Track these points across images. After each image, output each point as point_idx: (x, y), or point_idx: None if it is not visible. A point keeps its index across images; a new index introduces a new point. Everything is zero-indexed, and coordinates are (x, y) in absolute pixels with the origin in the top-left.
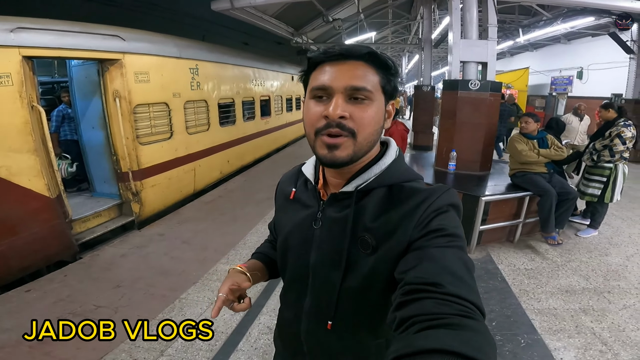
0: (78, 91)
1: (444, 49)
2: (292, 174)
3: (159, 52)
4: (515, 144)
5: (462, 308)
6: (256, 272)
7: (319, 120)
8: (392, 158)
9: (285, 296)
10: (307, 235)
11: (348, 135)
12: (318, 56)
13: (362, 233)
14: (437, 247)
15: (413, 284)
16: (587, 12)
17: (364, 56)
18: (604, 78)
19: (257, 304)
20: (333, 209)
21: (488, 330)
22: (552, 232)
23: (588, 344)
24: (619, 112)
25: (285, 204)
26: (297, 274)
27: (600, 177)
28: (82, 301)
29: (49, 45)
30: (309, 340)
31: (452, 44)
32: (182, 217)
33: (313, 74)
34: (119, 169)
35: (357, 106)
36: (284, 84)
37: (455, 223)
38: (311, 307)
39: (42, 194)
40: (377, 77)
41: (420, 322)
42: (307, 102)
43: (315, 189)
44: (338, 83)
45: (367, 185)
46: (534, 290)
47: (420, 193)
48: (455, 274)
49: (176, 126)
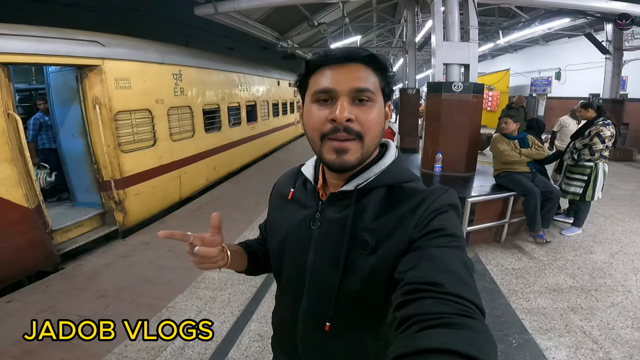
0: (56, 98)
1: (428, 52)
2: (291, 174)
3: (140, 57)
4: (497, 145)
5: (463, 307)
6: (236, 252)
7: (325, 124)
8: (392, 158)
9: (281, 297)
10: (305, 236)
11: (355, 138)
12: (318, 59)
13: (362, 233)
14: (437, 247)
15: (413, 283)
16: (563, 13)
17: (365, 58)
18: (582, 78)
19: (247, 311)
20: (332, 209)
21: (488, 330)
22: (539, 231)
23: (579, 342)
24: (598, 112)
25: (282, 205)
26: (294, 275)
27: (582, 176)
28: (65, 312)
29: (24, 52)
30: (305, 342)
31: (435, 46)
32: (167, 225)
33: (313, 77)
34: (101, 177)
35: (362, 108)
36: (270, 89)
37: (455, 223)
38: (308, 308)
39: (20, 205)
40: (377, 78)
41: (421, 321)
42: (309, 106)
43: (315, 188)
44: (342, 85)
45: (367, 184)
46: (522, 289)
47: (419, 193)
48: (455, 273)
49: (159, 133)
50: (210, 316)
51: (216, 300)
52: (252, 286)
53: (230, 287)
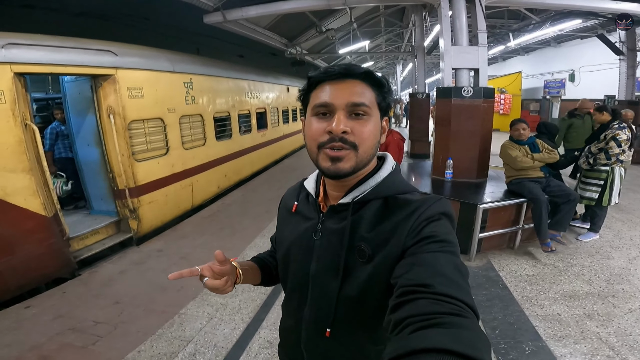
0: (72, 108)
1: (437, 55)
2: (295, 188)
3: (152, 66)
4: (508, 151)
5: (454, 307)
6: (248, 269)
7: (322, 135)
8: (388, 171)
9: (286, 305)
10: (308, 246)
11: (350, 148)
12: (318, 76)
13: (359, 243)
14: (430, 252)
15: (405, 286)
16: (574, 15)
17: (361, 75)
18: (596, 80)
19: (257, 318)
20: (332, 221)
21: (480, 328)
22: (545, 239)
23: (595, 349)
24: (613, 115)
25: (287, 217)
26: (298, 284)
27: (597, 181)
28: (81, 317)
29: (40, 61)
30: (308, 348)
31: (444, 51)
32: (180, 232)
33: (314, 92)
34: (116, 186)
35: (357, 121)
36: (279, 95)
37: (447, 230)
38: (310, 315)
39: (38, 213)
40: (373, 94)
41: (414, 322)
42: (309, 118)
43: (316, 201)
44: (340, 100)
45: (363, 197)
46: (536, 296)
47: (412, 203)
48: (446, 275)
49: (172, 141)
50: (221, 323)
51: (227, 307)
52: (263, 293)
53: (241, 294)
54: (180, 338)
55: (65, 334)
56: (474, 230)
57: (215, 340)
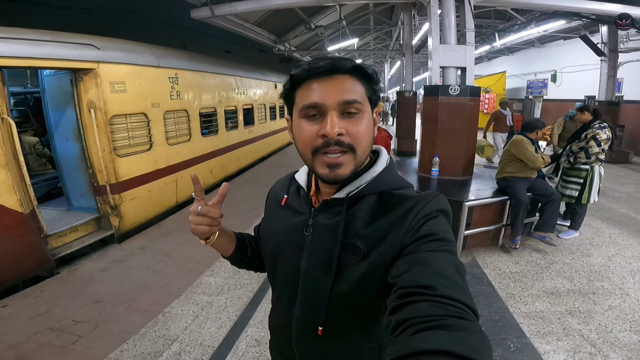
0: (50, 102)
1: (425, 54)
2: (285, 180)
3: (136, 61)
4: (529, 148)
5: (456, 310)
6: (226, 232)
7: (316, 139)
8: (383, 166)
9: (276, 302)
10: (299, 242)
11: (347, 151)
12: (303, 73)
13: (353, 239)
14: (428, 252)
15: (406, 287)
16: (558, 16)
17: (349, 70)
18: (577, 80)
19: (243, 316)
20: (324, 216)
21: (482, 331)
22: (516, 237)
23: (577, 346)
24: (594, 115)
25: (276, 210)
26: (288, 280)
27: (577, 179)
28: (60, 316)
29: (18, 55)
30: (299, 346)
31: (432, 49)
32: (164, 229)
33: (299, 91)
34: (96, 182)
35: (351, 121)
36: (267, 92)
37: (445, 228)
38: (301, 313)
39: (14, 210)
40: (363, 88)
41: (415, 324)
42: (298, 121)
43: (308, 195)
44: (330, 100)
45: (358, 192)
46: (520, 293)
47: (410, 200)
48: (447, 276)
49: (156, 137)
50: (206, 321)
51: (213, 306)
52: (249, 291)
53: (227, 292)
54: (164, 337)
55: (44, 333)
56: (459, 228)
57: (202, 339)
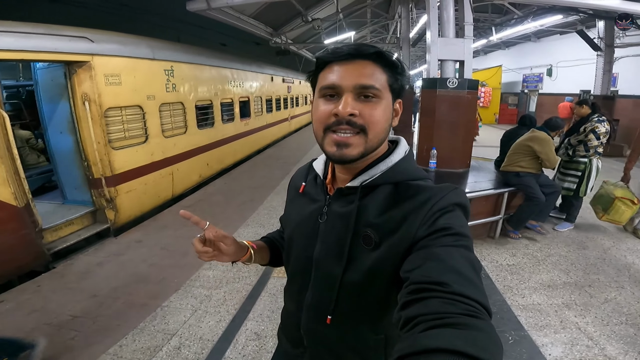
0: (44, 95)
1: (421, 48)
2: (305, 168)
3: (131, 53)
4: (552, 148)
5: (468, 307)
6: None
7: (329, 117)
8: (401, 156)
9: (288, 288)
10: (313, 229)
11: (359, 132)
12: (326, 56)
13: (365, 229)
14: (443, 246)
15: (418, 283)
16: (556, 10)
17: (372, 55)
18: (573, 75)
19: (242, 309)
20: (338, 204)
21: (494, 330)
22: (519, 229)
23: (574, 339)
24: (592, 108)
25: (295, 198)
26: (301, 267)
27: (576, 172)
28: (58, 312)
29: (9, 48)
30: (308, 333)
31: (430, 42)
32: (160, 222)
33: (321, 73)
34: (91, 175)
35: (366, 104)
36: (263, 84)
37: (461, 222)
38: (312, 300)
39: (8, 203)
40: (384, 75)
41: (426, 321)
42: (316, 100)
43: (324, 183)
44: (347, 82)
45: (372, 181)
46: (517, 286)
47: (426, 191)
48: (461, 273)
49: (151, 129)
50: (205, 315)
51: (211, 299)
52: (248, 284)
53: (226, 286)
54: (163, 331)
55: (42, 328)
56: None
57: (201, 333)
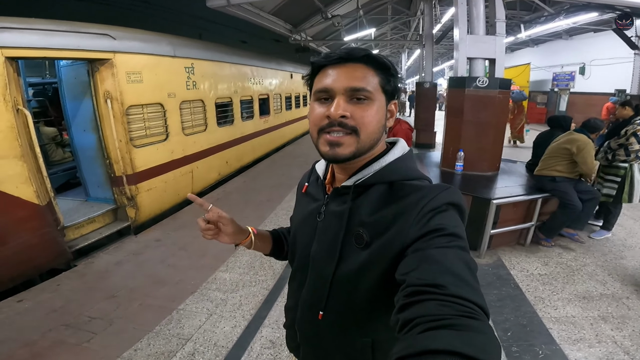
0: (67, 92)
1: (444, 45)
2: (310, 169)
3: (152, 51)
4: (592, 153)
5: (465, 309)
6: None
7: (322, 119)
8: (395, 156)
9: (290, 284)
10: (312, 227)
11: (350, 132)
12: (320, 60)
13: (358, 228)
14: (437, 248)
15: (415, 285)
16: (591, 8)
17: (362, 58)
18: (607, 74)
19: (258, 315)
20: (335, 203)
21: (492, 331)
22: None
23: (610, 353)
24: (636, 110)
25: (300, 198)
26: (301, 264)
27: (615, 177)
28: (76, 312)
29: (34, 46)
30: (301, 328)
31: (458, 40)
32: (179, 221)
33: (317, 77)
34: (113, 173)
35: (358, 106)
36: (282, 82)
37: (455, 222)
38: (307, 296)
39: (30, 202)
40: (376, 77)
41: (423, 323)
42: (312, 103)
43: (323, 183)
44: (339, 85)
45: (365, 180)
46: (549, 297)
47: (418, 191)
48: (456, 274)
49: (172, 127)
50: (220, 320)
51: (227, 303)
52: (264, 289)
53: (242, 289)
54: (178, 336)
55: (59, 330)
56: (485, 227)
57: (215, 339)
